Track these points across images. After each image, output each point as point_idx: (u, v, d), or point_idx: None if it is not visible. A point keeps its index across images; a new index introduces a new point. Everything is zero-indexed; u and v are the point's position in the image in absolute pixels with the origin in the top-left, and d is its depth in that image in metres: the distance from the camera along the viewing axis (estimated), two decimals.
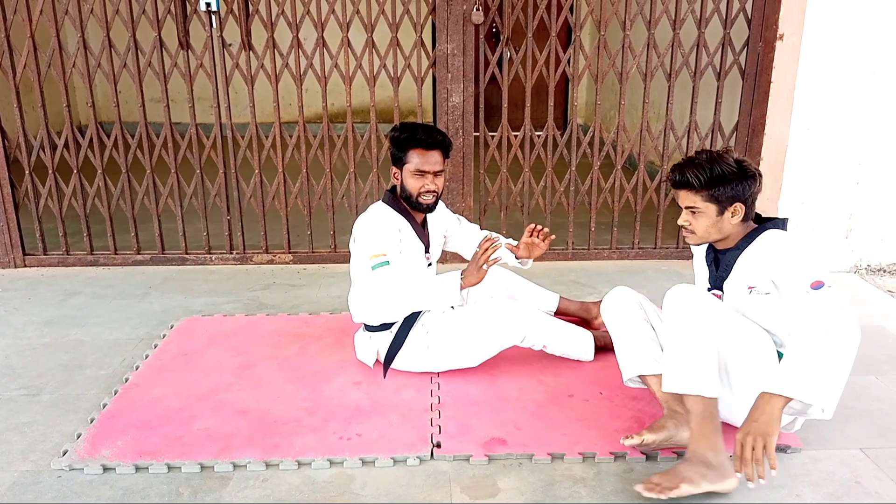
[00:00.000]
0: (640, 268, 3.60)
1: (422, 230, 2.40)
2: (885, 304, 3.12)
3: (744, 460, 1.64)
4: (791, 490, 1.82)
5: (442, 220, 2.55)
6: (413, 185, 2.29)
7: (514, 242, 2.51)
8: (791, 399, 1.65)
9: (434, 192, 2.30)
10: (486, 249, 2.20)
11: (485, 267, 2.22)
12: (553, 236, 2.47)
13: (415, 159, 2.27)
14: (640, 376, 2.09)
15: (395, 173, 2.34)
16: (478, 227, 2.66)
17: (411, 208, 2.35)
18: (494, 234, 2.32)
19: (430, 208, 2.34)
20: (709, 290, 2.03)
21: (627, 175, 3.62)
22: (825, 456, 1.95)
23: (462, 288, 2.24)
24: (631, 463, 1.93)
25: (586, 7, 3.36)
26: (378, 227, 2.28)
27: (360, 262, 2.30)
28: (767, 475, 1.65)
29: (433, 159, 2.28)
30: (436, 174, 2.29)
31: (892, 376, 2.41)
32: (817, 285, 1.74)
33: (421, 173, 2.27)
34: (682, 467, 1.77)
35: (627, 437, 1.92)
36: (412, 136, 2.27)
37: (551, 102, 3.45)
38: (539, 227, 2.45)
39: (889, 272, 3.50)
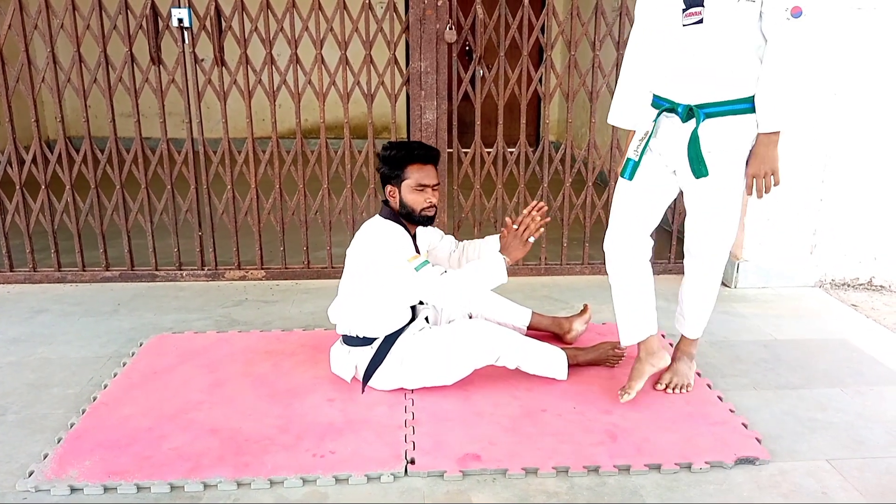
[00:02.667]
0: None
1: (414, 243, 2.42)
2: (849, 317, 3.19)
3: (759, 193, 2.06)
4: (759, 502, 1.85)
5: (428, 234, 2.58)
6: (415, 200, 2.30)
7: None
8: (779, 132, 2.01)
9: (435, 205, 2.34)
10: (528, 225, 2.30)
11: (531, 239, 2.30)
12: (549, 218, 2.41)
13: (415, 174, 2.30)
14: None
15: (390, 192, 2.34)
16: (453, 237, 2.68)
17: (411, 223, 2.37)
18: (538, 203, 2.36)
19: (431, 221, 2.37)
20: (685, 10, 2.01)
21: (599, 191, 3.67)
22: (792, 468, 1.99)
23: (508, 264, 2.31)
24: (604, 477, 1.95)
25: (557, 27, 3.41)
26: (395, 237, 2.30)
27: (397, 273, 2.26)
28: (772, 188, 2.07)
29: (431, 173, 2.33)
30: (434, 187, 2.33)
31: (856, 388, 2.46)
32: (797, 12, 1.89)
33: (422, 188, 2.30)
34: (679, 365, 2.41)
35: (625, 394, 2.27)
36: (409, 152, 2.31)
37: (523, 120, 3.50)
38: (542, 204, 2.37)
39: (853, 286, 3.59)
